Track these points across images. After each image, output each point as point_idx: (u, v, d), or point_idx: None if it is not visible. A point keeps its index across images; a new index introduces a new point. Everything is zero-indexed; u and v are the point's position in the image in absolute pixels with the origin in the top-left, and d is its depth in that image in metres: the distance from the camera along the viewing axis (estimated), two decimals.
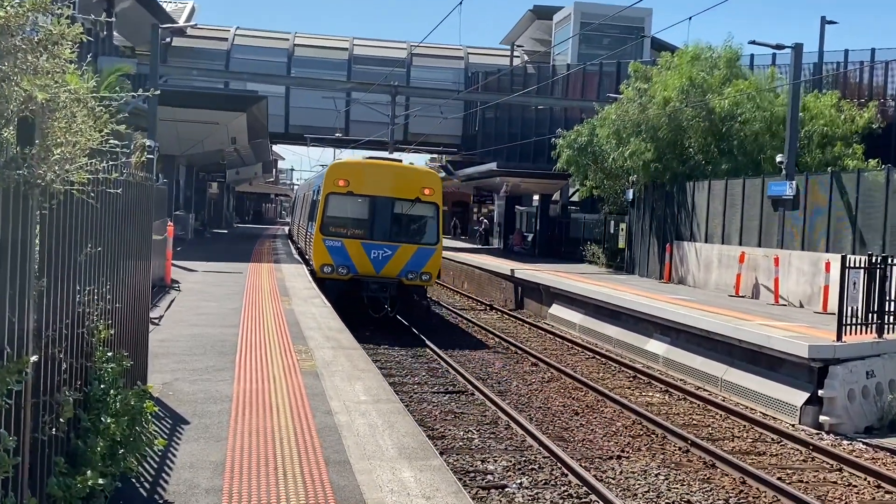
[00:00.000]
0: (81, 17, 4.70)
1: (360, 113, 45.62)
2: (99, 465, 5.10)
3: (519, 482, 9.59)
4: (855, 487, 10.23)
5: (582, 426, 12.44)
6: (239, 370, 10.10)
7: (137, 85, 26.11)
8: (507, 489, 9.39)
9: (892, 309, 14.39)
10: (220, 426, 7.58)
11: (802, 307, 19.91)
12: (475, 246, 48.86)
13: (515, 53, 53.36)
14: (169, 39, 45.68)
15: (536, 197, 43.66)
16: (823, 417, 12.96)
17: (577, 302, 22.82)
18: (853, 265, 13.88)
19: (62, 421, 4.71)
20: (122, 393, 5.74)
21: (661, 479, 10.10)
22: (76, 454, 5.05)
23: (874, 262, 14.24)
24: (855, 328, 13.83)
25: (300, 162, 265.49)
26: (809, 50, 27.09)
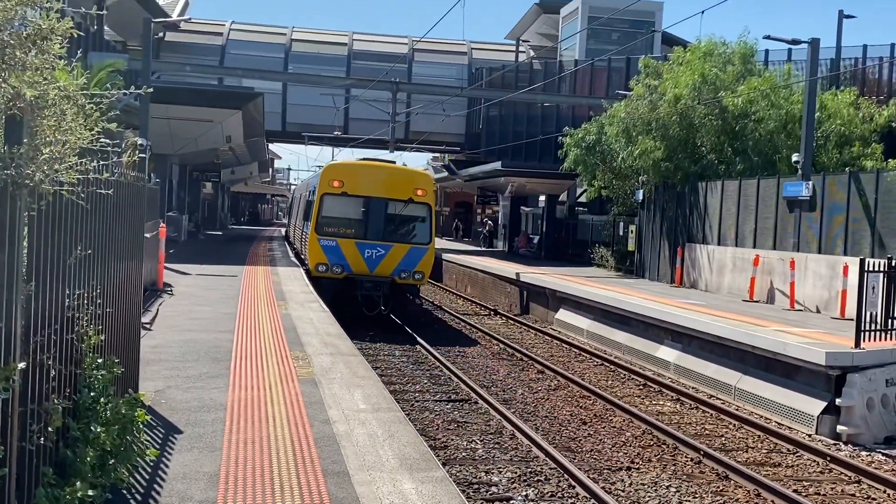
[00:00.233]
0: (71, 10, 4.72)
1: (359, 110, 45.62)
2: (89, 475, 5.11)
3: (524, 494, 9.59)
4: (874, 500, 10.21)
5: (590, 436, 12.44)
6: (234, 377, 10.11)
7: (129, 81, 26.15)
8: (512, 502, 9.39)
9: None
10: (214, 436, 7.58)
11: (819, 312, 19.90)
12: (478, 248, 48.88)
13: (521, 49, 53.35)
14: (162, 34, 45.73)
15: (542, 198, 43.69)
16: (841, 427, 12.94)
17: (584, 307, 22.83)
18: (872, 268, 13.87)
19: (51, 430, 4.72)
20: (112, 401, 5.75)
21: (672, 491, 10.09)
22: (65, 464, 5.06)
23: (894, 265, 14.23)
24: (874, 334, 13.82)
25: (298, 161, 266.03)
26: (826, 45, 27.09)
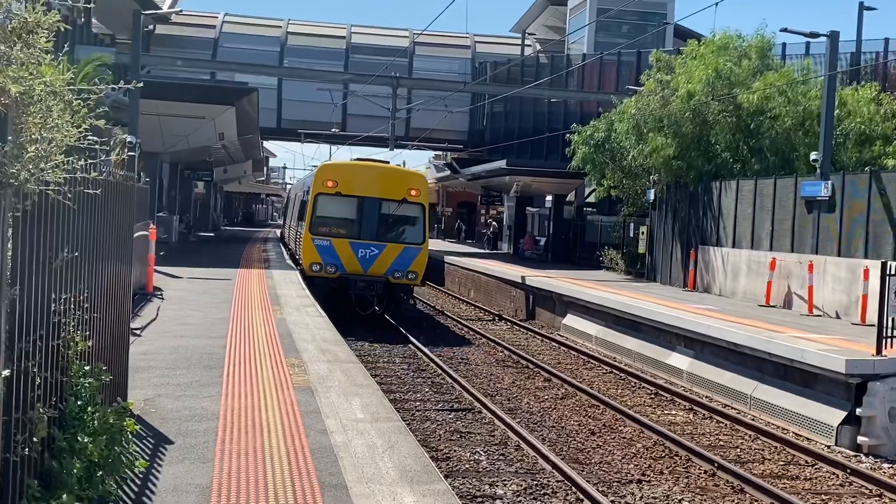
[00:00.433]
0: (58, 2, 4.71)
1: (358, 106, 45.70)
2: (75, 488, 5.10)
3: None
4: None
5: (599, 447, 12.43)
6: (227, 385, 10.11)
7: (118, 76, 26.22)
8: None
9: None
10: (206, 446, 7.58)
11: (839, 318, 19.88)
12: (482, 251, 48.87)
13: (527, 42, 53.41)
14: (152, 27, 45.81)
15: (549, 198, 43.67)
16: (862, 438, 12.92)
17: (593, 312, 22.82)
18: (894, 272, 13.85)
19: (36, 440, 4.72)
20: (100, 410, 5.74)
21: None
22: (51, 476, 5.06)
23: None
24: None
25: (294, 160, 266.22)
26: (846, 38, 27.07)
